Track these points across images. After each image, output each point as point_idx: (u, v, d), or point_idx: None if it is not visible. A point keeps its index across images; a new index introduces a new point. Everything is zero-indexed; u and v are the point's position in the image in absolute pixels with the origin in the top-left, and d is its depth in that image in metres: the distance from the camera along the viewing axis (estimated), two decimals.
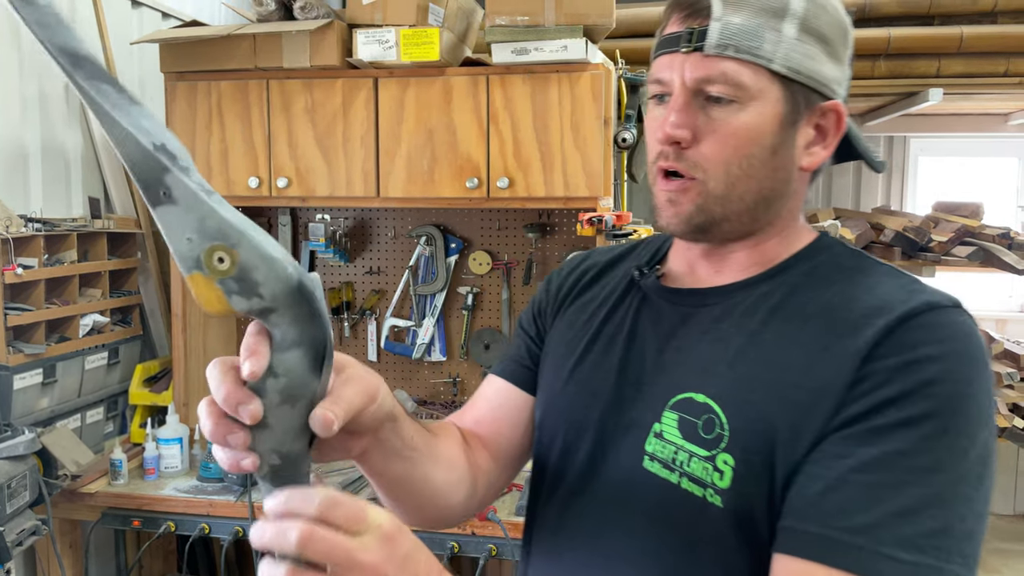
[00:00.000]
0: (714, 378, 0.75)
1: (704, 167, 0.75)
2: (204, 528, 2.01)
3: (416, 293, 2.53)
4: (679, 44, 0.75)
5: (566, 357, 0.88)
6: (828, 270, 0.78)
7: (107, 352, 2.38)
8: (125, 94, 0.52)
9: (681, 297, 0.83)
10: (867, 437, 0.66)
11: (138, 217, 2.49)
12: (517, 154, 2.13)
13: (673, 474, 0.75)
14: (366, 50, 2.10)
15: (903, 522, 0.63)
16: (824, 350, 0.70)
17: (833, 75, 0.77)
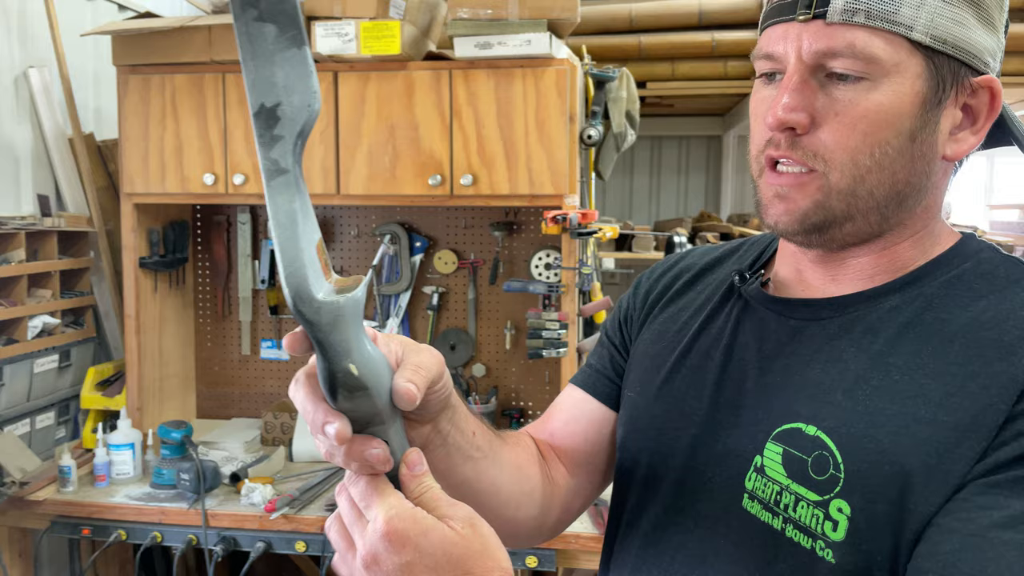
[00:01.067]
0: (828, 407, 0.64)
1: (825, 157, 0.63)
2: (156, 536, 1.94)
3: (380, 293, 2.48)
4: (796, 11, 0.63)
5: (654, 371, 0.78)
6: (975, 280, 0.65)
7: (58, 355, 2.30)
8: (287, 36, 0.50)
9: (790, 308, 0.71)
10: (1017, 487, 0.55)
11: (91, 215, 2.41)
12: (481, 151, 2.08)
13: (776, 519, 0.64)
14: (325, 43, 2.04)
15: None
16: (970, 379, 0.59)
17: (986, 44, 0.64)
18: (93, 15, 2.60)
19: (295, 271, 0.50)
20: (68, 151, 2.41)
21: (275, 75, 0.50)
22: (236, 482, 2.03)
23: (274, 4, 0.50)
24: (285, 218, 0.51)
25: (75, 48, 2.44)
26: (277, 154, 0.51)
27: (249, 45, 0.50)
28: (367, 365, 0.53)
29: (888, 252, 0.68)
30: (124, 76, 2.18)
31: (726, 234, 3.24)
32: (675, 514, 0.72)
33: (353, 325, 0.52)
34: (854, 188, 0.64)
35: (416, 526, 0.52)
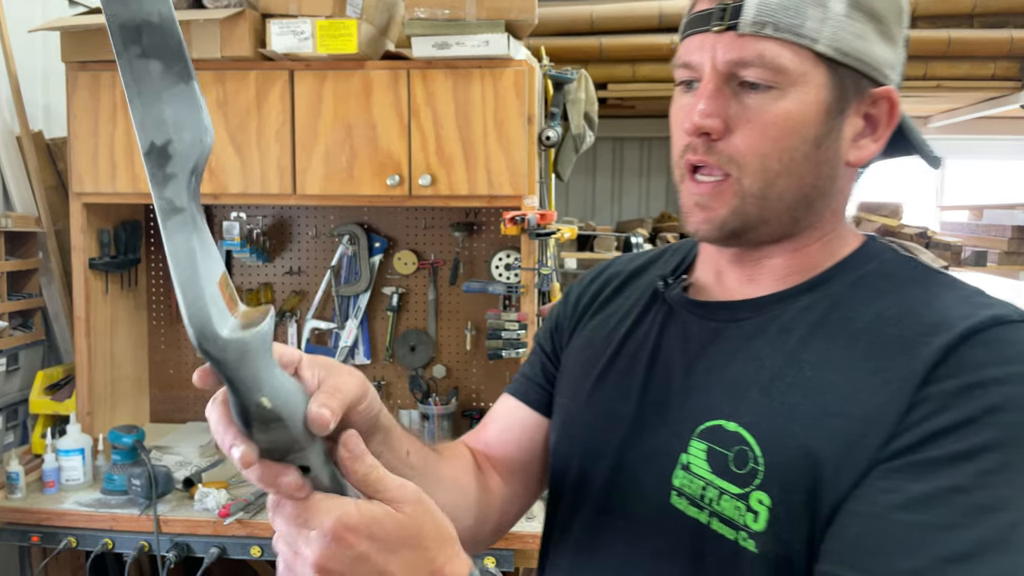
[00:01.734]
0: (746, 403, 0.67)
1: (738, 161, 0.67)
2: (107, 543, 1.90)
3: (339, 294, 2.46)
4: (710, 22, 0.66)
5: (584, 377, 0.80)
6: (878, 280, 0.69)
7: (6, 358, 2.24)
8: (173, 72, 0.50)
9: (710, 311, 0.74)
10: (918, 471, 0.58)
11: (39, 215, 2.35)
12: (439, 151, 2.08)
13: (703, 513, 0.67)
14: (280, 41, 2.02)
15: (955, 570, 0.55)
16: (874, 373, 0.62)
17: (886, 57, 0.68)
18: (43, 10, 2.54)
19: (197, 311, 0.50)
20: (16, 149, 2.35)
21: (164, 112, 0.50)
22: (190, 487, 2.00)
23: (157, 40, 0.49)
24: (184, 258, 0.50)
25: (24, 44, 2.38)
26: (171, 193, 0.50)
27: (134, 83, 0.50)
28: (279, 396, 0.53)
29: (799, 254, 0.72)
30: (73, 73, 2.13)
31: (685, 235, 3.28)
32: (606, 515, 0.74)
33: (261, 358, 0.52)
34: (765, 191, 0.68)
35: (365, 518, 0.52)
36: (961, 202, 3.98)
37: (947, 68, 3.12)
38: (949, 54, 3.08)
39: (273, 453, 0.54)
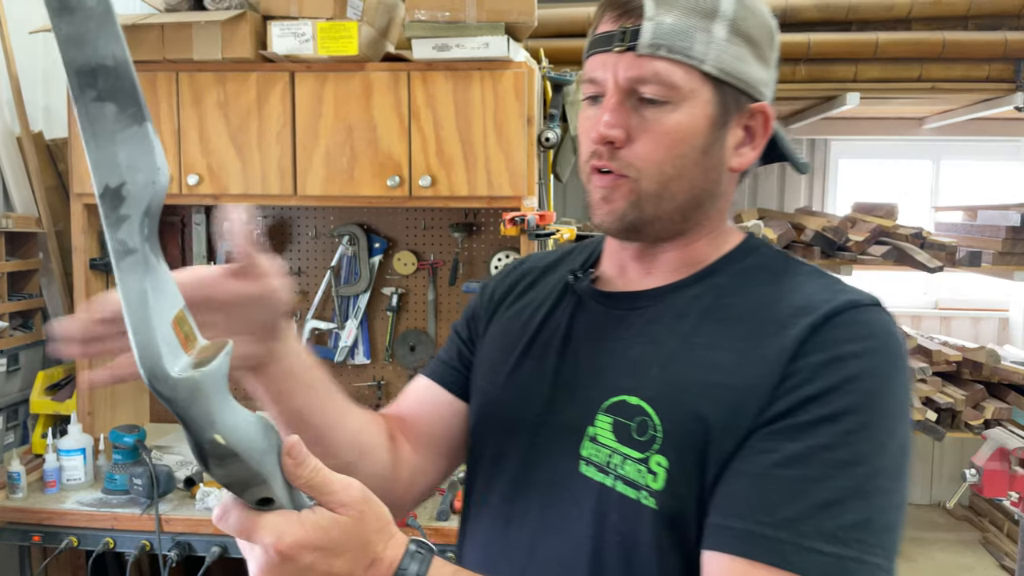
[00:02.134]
0: (647, 380, 0.75)
1: (637, 166, 0.76)
2: (109, 542, 1.91)
3: (338, 294, 2.47)
4: (612, 43, 0.75)
5: (502, 363, 0.88)
6: (756, 272, 0.79)
7: (6, 358, 2.25)
8: (126, 114, 0.51)
9: (614, 301, 0.83)
10: (791, 433, 0.67)
11: (39, 216, 2.36)
12: (440, 152, 2.09)
13: (608, 477, 0.75)
14: (281, 43, 2.03)
15: (825, 515, 0.64)
16: (753, 350, 0.72)
17: (761, 77, 0.78)
18: (43, 11, 2.54)
19: (148, 351, 0.51)
20: (16, 150, 2.36)
21: (117, 155, 0.51)
22: (191, 487, 2.01)
23: (113, 83, 0.50)
24: (136, 299, 0.51)
25: (24, 46, 2.39)
26: (124, 234, 0.51)
27: (89, 126, 0.50)
28: (234, 432, 0.53)
29: (689, 249, 0.82)
30: None
31: None
32: (522, 487, 0.82)
33: (214, 397, 0.53)
34: (660, 192, 0.77)
35: (310, 533, 0.56)
36: (955, 203, 4.00)
37: (942, 70, 3.14)
38: (944, 56, 3.09)
39: (234, 488, 0.55)
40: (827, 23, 3.21)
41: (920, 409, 3.06)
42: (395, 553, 0.61)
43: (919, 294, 4.16)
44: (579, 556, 0.75)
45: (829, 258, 3.11)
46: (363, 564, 0.59)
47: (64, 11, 0.49)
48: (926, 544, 3.71)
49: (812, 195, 4.18)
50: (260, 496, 0.56)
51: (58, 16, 0.49)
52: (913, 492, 4.20)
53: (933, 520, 4.02)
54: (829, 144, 4.15)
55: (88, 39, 0.50)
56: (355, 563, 0.59)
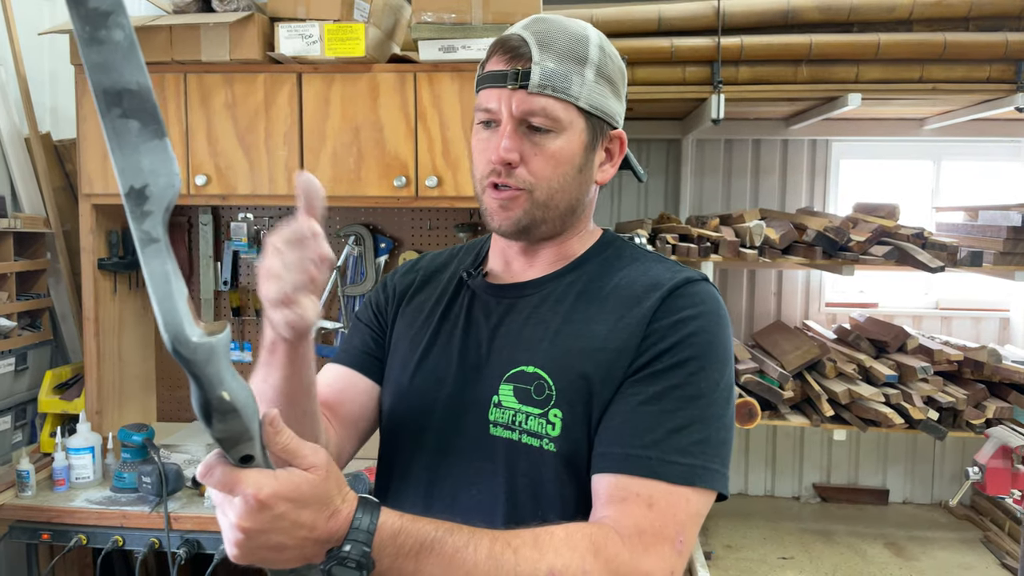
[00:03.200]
0: (539, 352, 0.93)
1: (531, 182, 0.93)
2: (118, 540, 1.92)
3: (344, 294, 2.48)
4: (506, 81, 0.92)
5: (411, 352, 1.03)
6: (614, 260, 1.00)
7: (14, 358, 2.26)
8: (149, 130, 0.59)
9: (504, 291, 1.01)
10: (651, 379, 0.88)
11: (47, 216, 2.37)
12: (446, 152, 2.11)
13: (514, 433, 0.92)
14: (288, 44, 2.05)
15: (678, 436, 0.85)
16: (619, 320, 0.92)
17: (618, 109, 0.98)
18: (51, 13, 2.56)
19: (172, 320, 0.60)
20: (24, 151, 2.37)
21: (141, 162, 0.59)
22: (199, 485, 2.02)
23: (137, 104, 0.59)
24: (161, 278, 0.60)
25: (31, 47, 2.40)
26: (148, 226, 0.60)
27: (116, 138, 0.59)
28: (237, 392, 0.64)
29: (564, 246, 1.01)
30: (83, 75, 2.15)
31: (685, 235, 3.31)
32: (442, 455, 0.97)
33: (224, 359, 0.63)
34: (547, 202, 0.95)
35: (284, 485, 0.68)
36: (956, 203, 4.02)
37: (943, 71, 3.16)
38: (945, 57, 3.11)
39: (226, 443, 0.66)
40: (828, 24, 3.23)
41: (921, 408, 3.07)
42: (350, 506, 0.73)
43: (920, 294, 4.18)
44: (496, 500, 0.92)
45: (831, 258, 3.12)
46: (324, 515, 0.71)
47: (93, 42, 0.56)
48: (927, 543, 3.72)
49: (813, 195, 4.19)
50: (245, 452, 0.67)
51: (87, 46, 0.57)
52: (915, 491, 4.21)
53: (934, 519, 4.03)
54: (830, 145, 4.16)
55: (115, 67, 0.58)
56: (318, 514, 0.70)
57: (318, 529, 0.70)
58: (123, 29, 0.57)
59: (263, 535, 0.68)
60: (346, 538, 0.71)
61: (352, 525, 0.72)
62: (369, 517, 0.73)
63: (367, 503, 0.74)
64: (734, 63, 3.21)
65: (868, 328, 3.61)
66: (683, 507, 0.84)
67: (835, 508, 4.16)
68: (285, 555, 0.71)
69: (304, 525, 0.69)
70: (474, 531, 0.79)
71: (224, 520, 0.70)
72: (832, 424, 3.13)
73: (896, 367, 3.21)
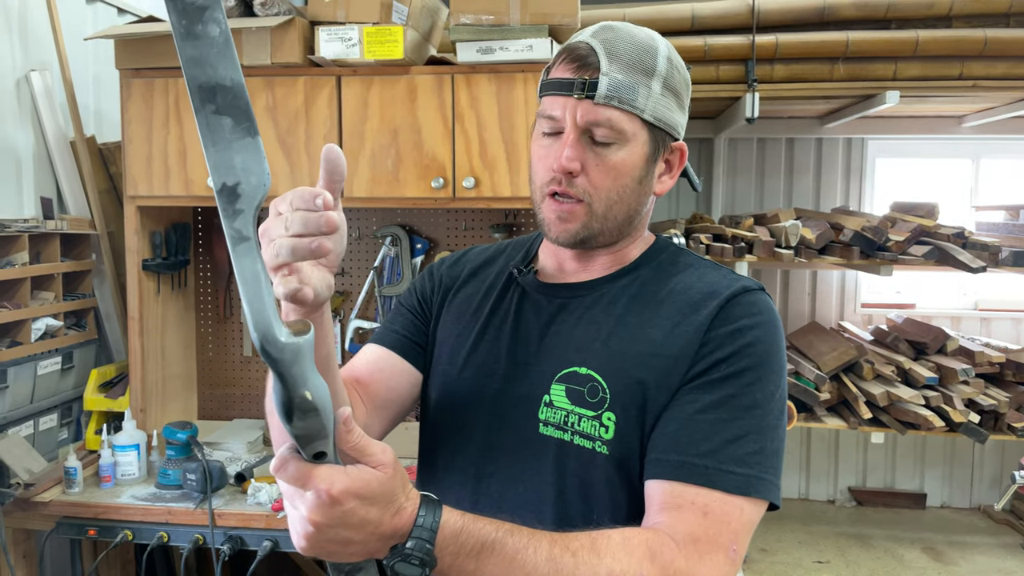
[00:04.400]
0: (592, 354, 0.93)
1: (590, 192, 0.93)
2: (163, 536, 1.96)
3: (381, 294, 2.50)
4: (572, 90, 0.91)
5: (460, 346, 1.03)
6: (668, 266, 1.00)
7: (60, 357, 2.31)
8: (241, 127, 0.60)
9: (556, 290, 1.01)
10: (708, 387, 0.88)
11: (92, 218, 2.42)
12: (483, 153, 2.12)
13: (566, 434, 0.92)
14: (328, 48, 2.07)
15: (735, 446, 0.85)
16: (675, 326, 0.92)
17: (681, 121, 0.98)
18: (93, 18, 2.61)
19: (261, 319, 0.60)
20: (70, 154, 2.43)
21: (233, 159, 0.59)
22: (241, 482, 2.05)
23: (230, 101, 0.59)
24: (251, 277, 0.60)
25: (75, 51, 2.45)
26: (240, 224, 0.60)
27: (209, 134, 0.59)
28: (318, 392, 0.65)
29: (620, 252, 1.01)
30: (127, 80, 2.20)
31: (719, 235, 3.29)
32: (488, 450, 0.97)
33: (308, 360, 0.63)
34: (606, 213, 0.95)
35: (355, 482, 0.69)
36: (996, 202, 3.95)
37: (984, 68, 3.11)
38: (985, 53, 3.06)
39: (302, 439, 0.66)
40: (865, 21, 3.19)
41: (962, 411, 3.02)
42: (413, 504, 0.74)
43: (958, 295, 4.11)
44: (544, 499, 0.92)
45: (869, 258, 3.09)
46: (390, 512, 0.72)
47: (189, 36, 0.57)
48: (967, 548, 3.66)
49: (848, 194, 4.14)
50: (319, 449, 0.67)
51: (183, 40, 0.57)
52: (953, 495, 4.14)
53: (974, 524, 3.96)
54: (866, 143, 4.11)
55: (209, 62, 0.58)
56: (384, 510, 0.71)
57: (384, 525, 0.71)
58: (219, 25, 0.57)
59: (332, 529, 0.70)
60: (410, 535, 0.73)
61: (416, 523, 0.73)
62: (432, 515, 0.74)
63: (430, 501, 0.75)
64: (769, 61, 3.19)
65: (906, 329, 3.56)
66: (737, 516, 0.84)
67: (871, 512, 4.10)
68: (350, 549, 0.72)
69: (371, 521, 0.70)
70: (533, 533, 0.79)
71: (294, 512, 0.72)
72: (870, 427, 3.09)
73: (936, 369, 3.16)
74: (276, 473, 0.69)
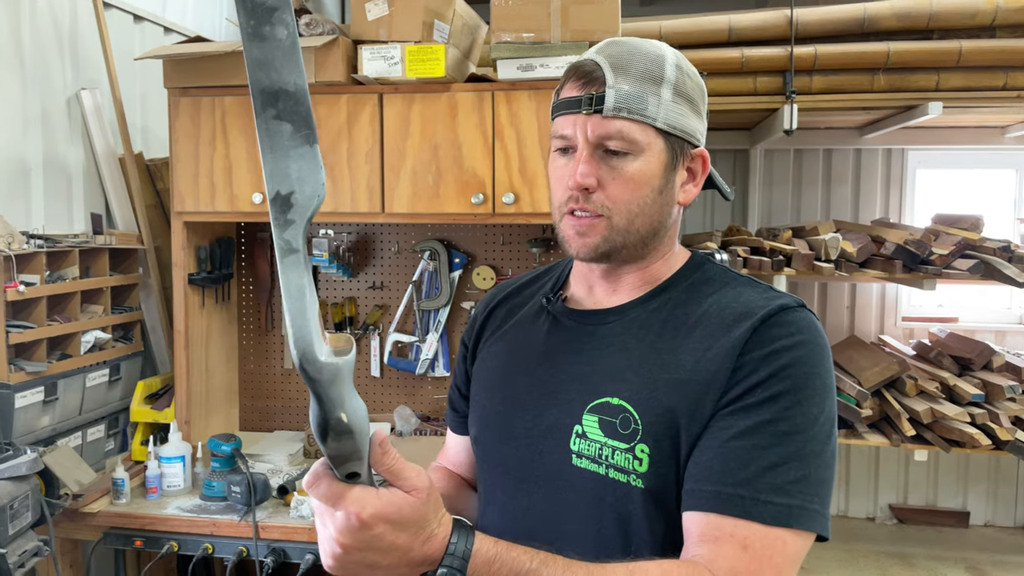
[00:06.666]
0: (623, 383, 0.91)
1: (609, 207, 0.91)
2: (207, 548, 1.98)
3: (419, 308, 2.52)
4: (580, 107, 0.90)
5: (493, 380, 1.04)
6: (702, 285, 0.96)
7: (108, 369, 2.36)
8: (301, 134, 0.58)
9: (586, 317, 0.99)
10: (743, 412, 0.84)
11: (140, 233, 2.47)
12: (523, 169, 2.12)
13: (600, 467, 0.90)
14: (371, 66, 2.10)
15: (773, 474, 0.81)
16: (707, 350, 0.88)
17: (698, 127, 0.95)
18: (141, 37, 2.68)
19: (302, 336, 0.59)
20: (118, 170, 2.48)
21: (290, 168, 0.58)
22: (284, 495, 2.07)
23: (291, 106, 0.57)
24: (296, 291, 0.59)
25: (124, 70, 2.51)
26: (290, 235, 0.59)
27: (268, 140, 0.57)
28: (354, 414, 0.63)
29: (648, 270, 0.98)
30: (175, 98, 2.24)
31: (756, 248, 3.26)
32: (521, 483, 0.97)
33: (346, 382, 0.62)
34: (627, 227, 0.93)
35: (386, 507, 0.69)
36: None
37: None
38: None
39: (336, 459, 0.66)
40: (907, 32, 3.15)
41: (1008, 429, 2.95)
42: (445, 529, 0.73)
43: (1003, 309, 4.02)
44: (583, 533, 0.90)
45: (911, 272, 3.04)
46: (421, 538, 0.71)
47: (256, 37, 0.55)
48: (1011, 568, 3.56)
49: (888, 207, 4.08)
50: (352, 470, 0.67)
51: (249, 41, 0.55)
52: (997, 514, 4.04)
53: (1018, 543, 3.86)
54: (906, 154, 4.05)
55: (274, 65, 0.56)
56: (415, 537, 0.71)
57: (413, 551, 0.71)
58: (287, 27, 0.56)
59: (360, 552, 0.69)
60: (440, 562, 0.72)
61: (447, 550, 0.72)
62: (464, 542, 0.73)
63: (462, 527, 0.74)
64: (807, 72, 3.16)
65: (950, 344, 3.49)
66: (780, 549, 0.80)
67: (913, 530, 4.02)
68: (378, 573, 0.72)
69: (400, 547, 0.70)
70: (569, 564, 0.78)
71: (323, 531, 0.72)
72: (912, 444, 3.03)
73: (982, 385, 3.09)
74: (308, 489, 0.69)
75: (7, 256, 1.96)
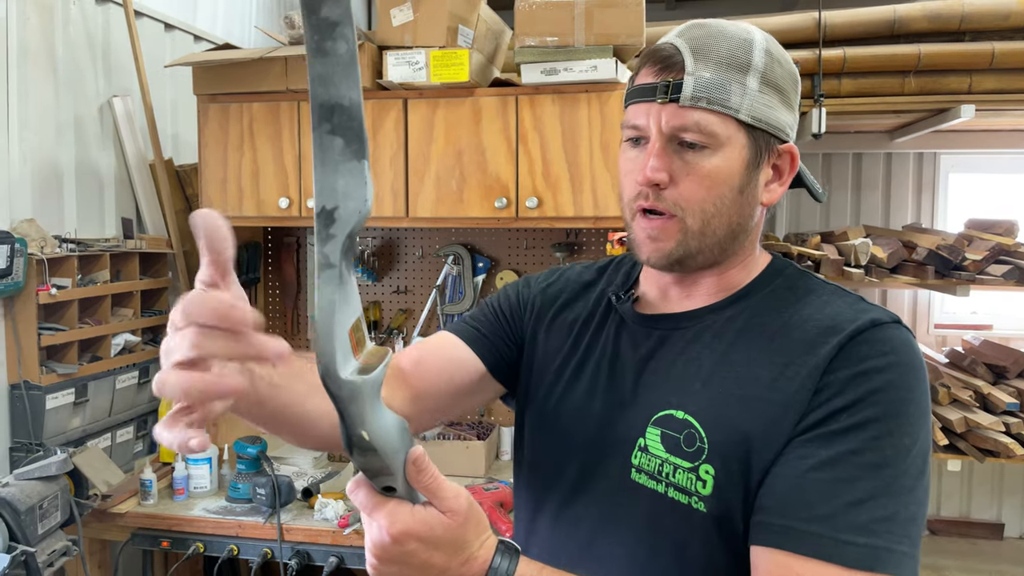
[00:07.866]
0: (691, 396, 0.83)
1: (682, 206, 0.83)
2: (233, 549, 2.00)
3: (443, 312, 2.53)
4: (655, 95, 0.82)
5: (556, 380, 0.96)
6: (784, 292, 0.87)
7: (137, 371, 2.40)
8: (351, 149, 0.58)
9: (656, 322, 0.91)
10: (824, 440, 0.75)
11: (169, 237, 2.51)
12: (546, 174, 2.12)
13: (660, 484, 0.83)
14: (396, 71, 2.11)
15: (856, 511, 0.72)
16: (786, 366, 0.79)
17: (787, 121, 0.86)
18: (171, 45, 2.72)
19: (326, 352, 0.58)
20: (149, 176, 2.52)
21: (337, 182, 0.58)
22: (308, 497, 2.09)
23: (345, 121, 0.57)
24: (326, 305, 0.59)
25: (153, 77, 2.56)
26: (329, 250, 0.58)
27: (320, 154, 0.58)
28: (378, 432, 0.62)
29: (725, 275, 0.89)
30: (204, 105, 2.28)
31: (785, 253, 3.22)
32: (579, 493, 0.90)
33: (369, 400, 0.61)
34: (703, 229, 0.84)
35: (419, 525, 0.66)
36: None
37: None
38: None
39: (368, 473, 0.66)
40: (938, 33, 3.10)
41: None
42: (487, 552, 0.69)
43: None
44: (635, 555, 0.84)
45: (944, 278, 2.98)
46: (458, 561, 0.68)
47: (320, 53, 0.56)
48: None
49: (920, 211, 4.01)
50: (386, 484, 0.66)
51: (313, 56, 0.57)
52: None
53: None
54: (938, 158, 3.98)
55: (334, 80, 0.57)
56: (451, 558, 0.68)
57: (451, 572, 0.68)
58: (347, 42, 0.56)
59: (393, 565, 0.68)
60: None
61: (488, 574, 0.70)
62: (507, 566, 0.70)
63: (507, 550, 0.71)
64: (836, 75, 3.11)
65: (984, 352, 3.41)
66: None
67: (946, 542, 3.93)
68: None
69: (435, 566, 0.68)
70: None
71: (367, 538, 0.70)
72: (945, 453, 2.97)
73: (1017, 394, 3.02)
74: (349, 495, 0.68)
75: (40, 260, 1.99)
